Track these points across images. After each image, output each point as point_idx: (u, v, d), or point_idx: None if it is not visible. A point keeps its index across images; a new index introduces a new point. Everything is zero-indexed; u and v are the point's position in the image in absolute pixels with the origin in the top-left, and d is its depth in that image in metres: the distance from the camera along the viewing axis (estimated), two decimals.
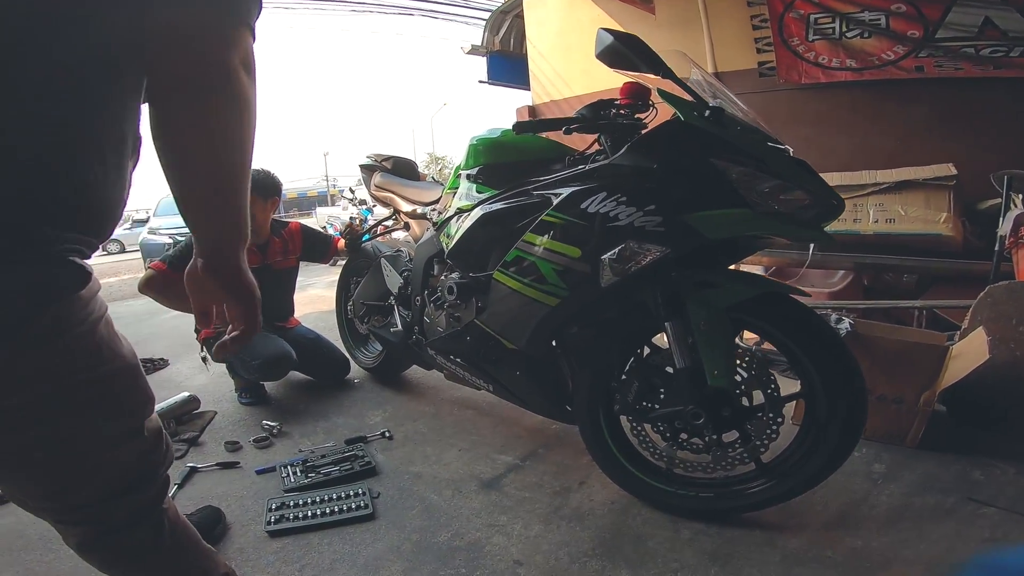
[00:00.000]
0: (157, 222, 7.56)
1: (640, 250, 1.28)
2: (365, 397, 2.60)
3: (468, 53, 6.28)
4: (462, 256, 1.68)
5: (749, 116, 1.35)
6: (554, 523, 1.56)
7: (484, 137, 1.76)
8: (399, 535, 1.54)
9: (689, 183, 1.28)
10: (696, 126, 1.26)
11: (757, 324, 1.38)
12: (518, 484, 1.77)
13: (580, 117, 1.44)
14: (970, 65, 3.01)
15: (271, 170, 2.56)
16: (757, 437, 1.41)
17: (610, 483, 1.67)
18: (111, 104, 0.66)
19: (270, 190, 2.51)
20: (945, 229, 2.54)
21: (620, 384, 1.54)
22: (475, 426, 2.22)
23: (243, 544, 1.54)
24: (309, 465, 1.90)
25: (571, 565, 1.39)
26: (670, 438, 1.51)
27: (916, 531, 1.40)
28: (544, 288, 1.43)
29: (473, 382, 1.86)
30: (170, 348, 3.62)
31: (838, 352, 1.32)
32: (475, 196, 1.67)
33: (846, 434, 1.34)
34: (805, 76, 3.49)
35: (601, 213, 1.31)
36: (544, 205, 1.44)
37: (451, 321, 1.74)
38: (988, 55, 2.96)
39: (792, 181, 1.24)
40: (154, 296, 2.35)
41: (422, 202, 2.23)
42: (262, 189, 2.44)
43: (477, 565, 1.41)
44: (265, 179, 2.47)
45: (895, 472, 1.67)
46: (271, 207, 2.55)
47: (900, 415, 1.78)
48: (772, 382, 1.40)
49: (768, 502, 1.46)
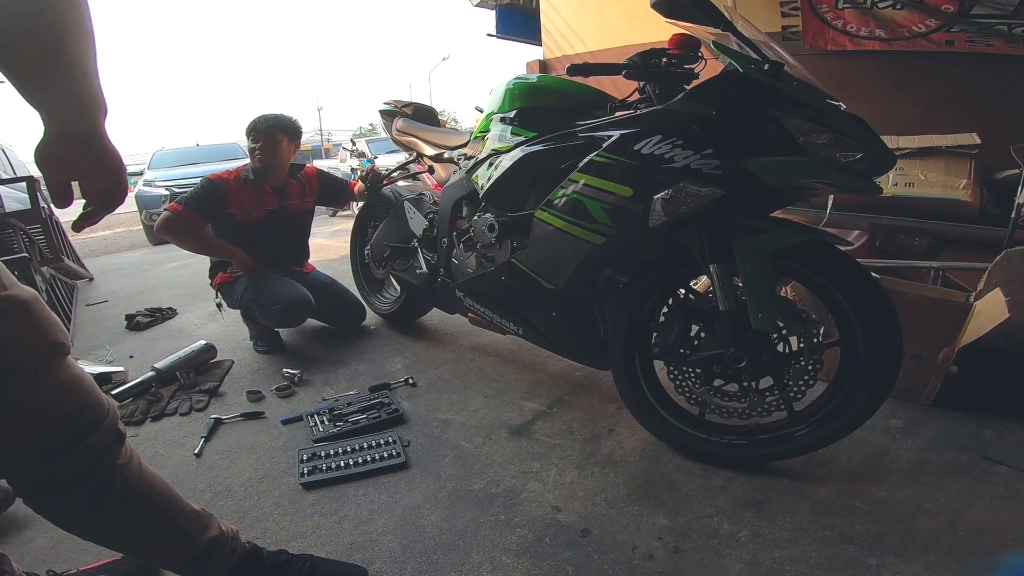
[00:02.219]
0: (152, 174, 7.45)
1: (695, 191, 1.28)
2: (383, 344, 2.60)
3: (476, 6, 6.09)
4: (499, 196, 1.67)
5: (801, 73, 1.34)
6: (587, 469, 1.58)
7: (521, 80, 1.73)
8: (435, 483, 1.55)
9: (747, 131, 1.27)
10: (756, 78, 1.25)
11: (801, 271, 1.39)
12: (547, 431, 1.78)
13: (632, 63, 1.42)
14: (1002, 43, 2.98)
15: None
16: (794, 383, 1.43)
17: (638, 431, 1.70)
18: None
19: (297, 132, 2.57)
20: (964, 195, 2.55)
21: (659, 327, 1.55)
22: (498, 372, 2.23)
23: (279, 498, 1.54)
24: (336, 414, 1.89)
25: (609, 510, 1.41)
26: (704, 384, 1.52)
27: (935, 485, 1.44)
28: (590, 227, 1.42)
29: (502, 325, 1.85)
30: (177, 297, 3.58)
31: (881, 302, 1.33)
32: (511, 139, 1.64)
33: (880, 384, 1.36)
34: (832, 43, 3.44)
35: (656, 155, 1.30)
36: (591, 147, 1.42)
37: (483, 262, 1.73)
38: (1021, 34, 2.93)
39: (848, 135, 1.24)
40: (172, 238, 2.34)
41: (447, 146, 2.19)
42: (291, 131, 2.51)
43: (516, 512, 1.42)
44: (293, 122, 2.55)
45: (912, 428, 1.71)
46: (295, 149, 2.56)
47: (918, 371, 1.81)
48: (814, 327, 1.41)
49: (800, 450, 1.48)
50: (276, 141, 2.46)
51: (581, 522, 1.37)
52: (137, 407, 2.08)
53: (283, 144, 2.48)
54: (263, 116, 2.47)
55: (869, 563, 1.20)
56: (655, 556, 1.25)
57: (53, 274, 3.51)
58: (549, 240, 1.51)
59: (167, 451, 1.81)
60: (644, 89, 1.51)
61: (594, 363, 1.75)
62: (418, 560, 1.28)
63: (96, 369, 2.34)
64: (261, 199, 2.52)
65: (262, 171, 2.49)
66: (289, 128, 2.50)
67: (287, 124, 2.49)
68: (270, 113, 2.49)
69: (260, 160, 2.46)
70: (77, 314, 3.36)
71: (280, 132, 2.46)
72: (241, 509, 1.50)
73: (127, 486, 0.90)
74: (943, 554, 1.22)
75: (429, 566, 1.26)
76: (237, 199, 2.47)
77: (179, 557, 1.04)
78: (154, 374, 2.23)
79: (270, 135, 2.44)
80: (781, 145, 1.25)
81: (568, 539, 1.32)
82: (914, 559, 1.20)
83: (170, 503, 0.99)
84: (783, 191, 1.40)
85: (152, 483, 0.96)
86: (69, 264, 4.03)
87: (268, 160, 2.47)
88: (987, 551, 1.22)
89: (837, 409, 1.44)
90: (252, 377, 2.33)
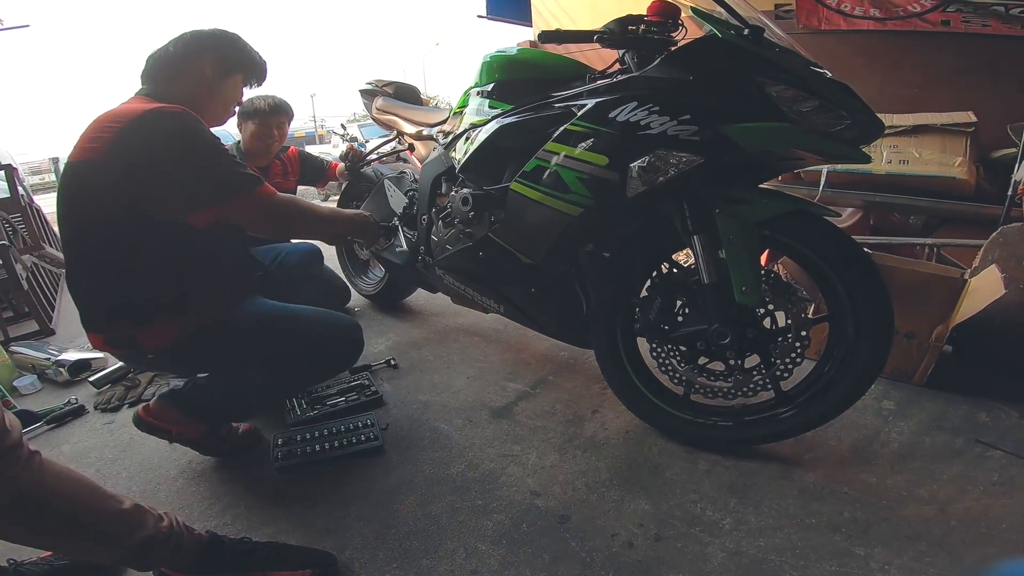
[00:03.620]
0: None
1: (672, 159, 1.23)
2: (367, 325, 2.53)
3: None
4: (475, 169, 1.61)
5: (785, 41, 1.28)
6: (569, 452, 1.54)
7: (498, 53, 1.67)
8: (411, 467, 1.51)
9: (727, 96, 1.22)
10: (736, 43, 1.20)
11: (787, 242, 1.34)
12: (530, 412, 1.74)
13: (608, 31, 1.36)
14: (998, 23, 2.97)
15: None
16: (781, 360, 1.39)
17: (623, 412, 1.65)
18: None
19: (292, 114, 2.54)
20: (959, 173, 2.50)
21: (641, 302, 1.50)
22: (482, 353, 2.20)
23: (251, 483, 1.51)
24: (314, 396, 1.85)
25: (589, 495, 1.37)
26: (689, 361, 1.48)
27: (927, 470, 1.40)
28: (567, 198, 1.36)
29: (483, 303, 1.81)
30: None
31: (871, 276, 1.28)
32: (488, 112, 1.59)
33: (870, 363, 1.32)
34: (826, 23, 3.42)
35: (632, 122, 1.24)
36: (567, 117, 1.36)
37: (462, 237, 1.68)
38: (1018, 14, 2.91)
39: (834, 102, 1.19)
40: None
41: (427, 123, 2.14)
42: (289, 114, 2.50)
43: (494, 496, 1.38)
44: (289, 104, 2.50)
45: (904, 410, 1.67)
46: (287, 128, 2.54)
47: (911, 350, 1.77)
48: (801, 301, 1.37)
49: (788, 432, 1.44)
50: (279, 125, 2.45)
51: (560, 508, 1.33)
52: (114, 393, 2.05)
53: (285, 127, 2.48)
54: (262, 97, 2.40)
55: (856, 553, 1.16)
56: (635, 544, 1.21)
57: (35, 262, 3.46)
58: (525, 213, 1.46)
59: (141, 437, 1.75)
60: (623, 59, 1.45)
61: (576, 341, 1.71)
62: (391, 546, 1.24)
63: (77, 356, 2.30)
64: None
65: (255, 151, 2.45)
66: (288, 111, 2.48)
67: (287, 107, 2.47)
68: (268, 95, 2.42)
69: (260, 141, 2.42)
70: (61, 302, 3.33)
71: (283, 115, 2.44)
72: (214, 495, 1.47)
73: (22, 493, 0.90)
74: (933, 544, 1.17)
75: (402, 552, 1.22)
76: None
77: (108, 557, 1.05)
78: None
79: (274, 118, 2.41)
80: (764, 112, 1.19)
81: (546, 525, 1.28)
82: (903, 549, 1.16)
83: (87, 506, 0.97)
84: (768, 161, 1.35)
85: (62, 489, 0.95)
86: (52, 252, 3.98)
87: (267, 143, 2.45)
88: (979, 542, 1.18)
89: (826, 389, 1.39)
90: None
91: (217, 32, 1.47)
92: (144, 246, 1.30)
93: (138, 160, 1.22)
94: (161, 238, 1.30)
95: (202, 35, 1.44)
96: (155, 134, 1.23)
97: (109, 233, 1.28)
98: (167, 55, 1.41)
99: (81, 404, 1.97)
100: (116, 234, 1.28)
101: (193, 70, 1.40)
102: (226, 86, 1.47)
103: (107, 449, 1.72)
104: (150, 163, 1.22)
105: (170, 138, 1.24)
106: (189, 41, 1.42)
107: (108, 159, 1.22)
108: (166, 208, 1.28)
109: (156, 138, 1.23)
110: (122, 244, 1.29)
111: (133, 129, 1.22)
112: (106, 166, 1.23)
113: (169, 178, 1.25)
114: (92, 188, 1.26)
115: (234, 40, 1.48)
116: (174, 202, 1.28)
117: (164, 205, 1.27)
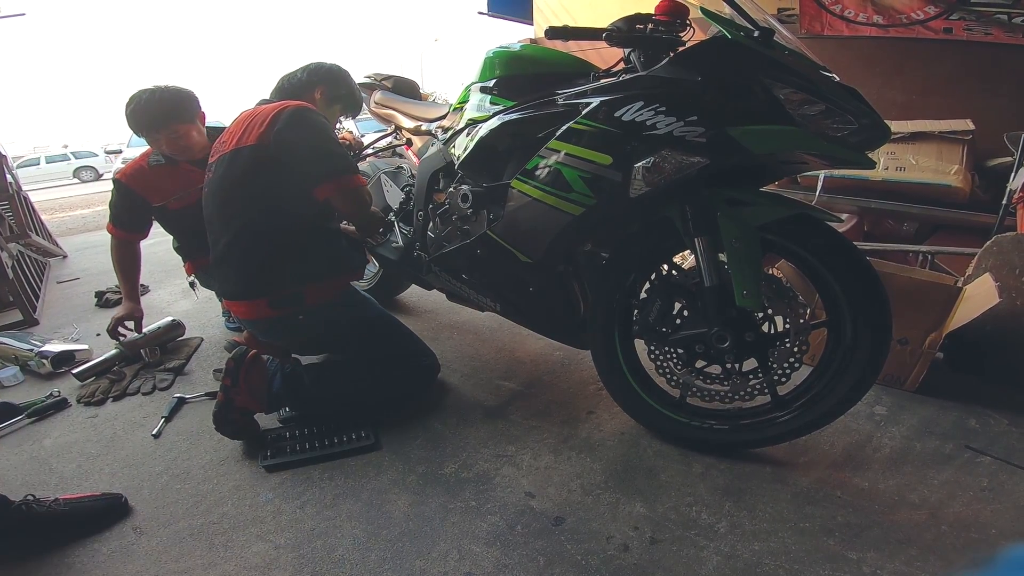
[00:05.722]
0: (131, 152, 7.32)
1: (678, 159, 1.21)
2: None
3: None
4: (475, 166, 1.59)
5: (794, 44, 1.27)
6: (564, 454, 1.52)
7: (501, 49, 1.65)
8: (404, 467, 1.49)
9: (735, 98, 1.21)
10: (745, 45, 1.19)
11: (788, 246, 1.33)
12: (524, 412, 1.73)
13: (616, 28, 1.34)
14: (1001, 31, 2.97)
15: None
16: (779, 365, 1.38)
17: (618, 413, 1.64)
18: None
19: (190, 111, 2.06)
20: (955, 180, 2.52)
21: (640, 303, 1.49)
22: (476, 351, 2.18)
23: (239, 481, 1.48)
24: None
25: (584, 497, 1.36)
26: (686, 365, 1.47)
27: (918, 475, 1.40)
28: (568, 196, 1.35)
29: (478, 301, 1.79)
30: (150, 274, 3.48)
31: (870, 281, 1.28)
32: (489, 108, 1.57)
33: (867, 368, 1.31)
34: (828, 28, 3.42)
35: (637, 122, 1.23)
36: (571, 114, 1.34)
37: (459, 234, 1.65)
38: (1020, 23, 2.91)
39: (842, 106, 1.18)
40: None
41: (426, 118, 2.12)
42: (183, 115, 2.03)
43: (487, 497, 1.37)
44: (179, 100, 2.02)
45: (896, 415, 1.67)
46: (201, 121, 2.13)
47: (903, 357, 1.78)
48: (800, 306, 1.36)
49: (783, 436, 1.44)
50: (173, 135, 2.00)
51: (555, 509, 1.32)
52: (99, 386, 2.01)
53: (182, 132, 2.02)
54: (138, 107, 1.94)
55: (849, 557, 1.16)
56: (630, 547, 1.20)
57: (21, 251, 3.40)
58: (525, 211, 1.44)
59: (126, 432, 1.73)
60: (629, 58, 1.44)
61: (573, 342, 1.69)
62: (383, 547, 1.23)
63: (60, 347, 2.25)
64: (186, 178, 2.08)
65: (173, 156, 2.08)
66: (179, 112, 2.00)
67: (173, 110, 1.98)
68: (144, 97, 1.94)
69: (167, 153, 2.07)
70: (47, 291, 3.26)
71: (173, 122, 1.99)
72: (199, 493, 1.44)
73: None
74: (925, 549, 1.18)
75: (394, 554, 1.21)
76: (157, 189, 2.09)
77: None
78: (118, 352, 2.14)
79: (162, 131, 1.99)
80: (770, 114, 1.18)
81: (541, 527, 1.27)
82: (895, 554, 1.16)
83: None
84: (772, 164, 1.34)
85: None
86: (38, 240, 3.91)
87: (174, 152, 2.06)
88: (970, 546, 1.18)
89: (822, 394, 1.39)
90: (222, 355, 2.24)
91: (335, 68, 1.93)
92: (302, 217, 1.66)
93: (288, 137, 1.58)
94: (312, 210, 1.67)
95: (322, 68, 1.91)
96: (295, 119, 1.60)
97: (274, 206, 1.61)
98: (295, 78, 1.88)
99: (64, 397, 1.94)
100: (280, 208, 1.62)
101: (308, 95, 1.85)
102: (328, 112, 1.90)
103: (90, 444, 1.69)
104: (296, 140, 1.59)
105: (307, 121, 1.62)
106: (313, 71, 1.89)
107: (263, 141, 1.58)
108: (303, 181, 1.63)
109: (298, 121, 1.60)
110: (288, 215, 1.63)
111: (279, 116, 1.60)
112: (261, 148, 1.58)
113: (307, 154, 1.61)
114: (255, 168, 1.60)
115: (344, 77, 1.95)
116: (307, 177, 1.63)
117: (302, 180, 1.63)
